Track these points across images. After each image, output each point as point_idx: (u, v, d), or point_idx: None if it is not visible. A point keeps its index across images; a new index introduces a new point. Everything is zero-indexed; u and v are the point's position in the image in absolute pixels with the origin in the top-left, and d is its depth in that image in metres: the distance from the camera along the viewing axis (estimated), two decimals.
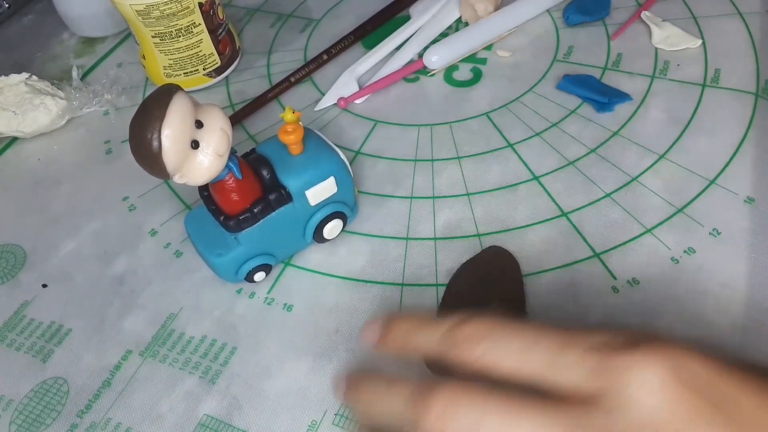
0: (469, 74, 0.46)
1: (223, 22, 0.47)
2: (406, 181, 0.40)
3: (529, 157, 0.40)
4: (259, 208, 0.32)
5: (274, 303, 0.35)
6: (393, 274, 0.35)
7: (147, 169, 0.28)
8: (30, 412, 0.33)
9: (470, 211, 0.37)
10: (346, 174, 0.35)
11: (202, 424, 0.31)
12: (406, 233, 0.37)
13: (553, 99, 0.43)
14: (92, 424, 0.32)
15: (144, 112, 0.27)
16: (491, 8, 0.48)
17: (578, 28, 0.48)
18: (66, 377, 0.34)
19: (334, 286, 0.35)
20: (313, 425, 0.30)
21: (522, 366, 0.22)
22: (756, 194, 0.35)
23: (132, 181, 0.42)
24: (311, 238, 0.36)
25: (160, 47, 0.45)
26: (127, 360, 0.34)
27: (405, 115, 0.44)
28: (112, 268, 0.38)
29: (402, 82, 0.47)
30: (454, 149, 0.41)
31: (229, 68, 0.49)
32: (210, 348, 0.34)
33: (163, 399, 0.32)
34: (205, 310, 0.35)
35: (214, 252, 0.34)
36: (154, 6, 0.42)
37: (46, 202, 0.43)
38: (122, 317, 0.36)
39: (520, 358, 0.22)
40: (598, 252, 0.35)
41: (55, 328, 0.36)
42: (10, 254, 0.40)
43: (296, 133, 0.32)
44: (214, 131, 0.29)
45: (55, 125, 0.47)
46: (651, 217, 0.35)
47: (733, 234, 0.34)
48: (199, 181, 0.29)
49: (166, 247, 0.39)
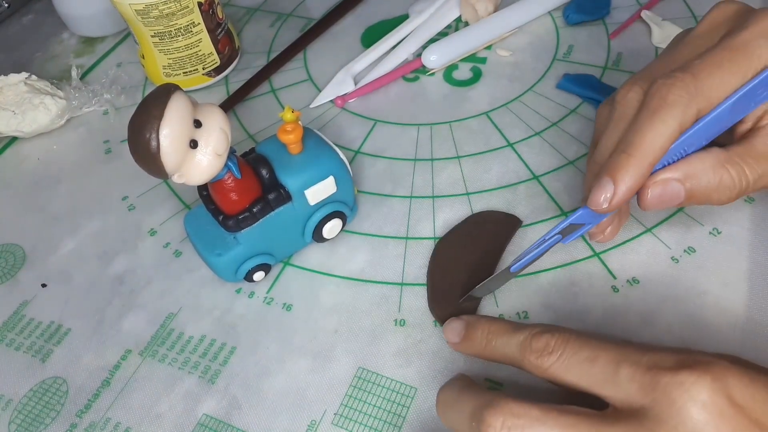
0: (469, 73, 0.46)
1: (223, 22, 0.47)
2: (406, 180, 0.40)
3: (529, 157, 0.40)
4: (258, 207, 0.32)
5: (273, 303, 0.35)
6: (392, 273, 0.35)
7: (146, 168, 0.28)
8: (29, 412, 0.33)
9: (470, 211, 0.37)
10: (346, 173, 0.35)
11: (201, 424, 0.31)
12: (406, 233, 0.37)
13: (553, 98, 0.43)
14: (91, 423, 0.32)
15: (142, 111, 0.27)
16: (491, 8, 0.48)
17: (578, 28, 0.48)
18: (65, 377, 0.34)
19: (333, 286, 0.35)
20: (313, 425, 0.30)
21: (583, 379, 0.24)
22: (756, 194, 0.35)
23: (131, 181, 0.42)
24: (311, 237, 0.36)
25: (160, 47, 0.45)
26: (126, 359, 0.34)
27: (405, 114, 0.44)
28: (111, 268, 0.38)
29: (401, 81, 0.47)
30: (454, 149, 0.41)
31: (228, 68, 0.49)
32: (209, 348, 0.34)
33: (163, 398, 0.32)
34: (204, 309, 0.35)
35: (214, 251, 0.34)
36: (154, 5, 0.42)
37: (45, 202, 0.43)
38: (121, 317, 0.36)
39: (583, 372, 0.24)
40: (598, 252, 0.34)
41: (55, 328, 0.36)
42: (10, 254, 0.40)
43: (295, 133, 0.32)
44: (212, 131, 0.29)
45: (55, 125, 0.47)
46: (651, 216, 0.35)
47: (733, 234, 0.34)
48: (198, 180, 0.29)
49: (166, 246, 0.39)
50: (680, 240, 0.34)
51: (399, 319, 0.33)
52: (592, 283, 0.33)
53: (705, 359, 0.22)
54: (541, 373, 0.26)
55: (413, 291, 0.34)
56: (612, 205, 0.28)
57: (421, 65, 0.46)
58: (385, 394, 0.31)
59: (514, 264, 0.31)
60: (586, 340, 0.25)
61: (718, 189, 0.28)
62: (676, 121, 0.27)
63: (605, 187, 0.28)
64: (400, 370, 0.31)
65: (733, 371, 0.22)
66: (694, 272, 0.33)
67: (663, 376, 0.22)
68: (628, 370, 0.23)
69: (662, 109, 0.27)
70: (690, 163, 0.28)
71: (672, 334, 0.31)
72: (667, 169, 0.29)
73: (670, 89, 0.27)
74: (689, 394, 0.22)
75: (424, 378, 0.31)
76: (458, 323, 0.30)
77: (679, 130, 0.28)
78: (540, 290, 0.33)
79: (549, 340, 0.26)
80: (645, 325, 0.31)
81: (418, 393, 0.31)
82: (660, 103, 0.28)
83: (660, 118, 0.27)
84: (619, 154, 0.28)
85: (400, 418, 0.30)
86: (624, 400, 0.23)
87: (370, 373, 0.32)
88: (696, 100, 0.27)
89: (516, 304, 0.33)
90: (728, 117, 0.28)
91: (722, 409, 0.21)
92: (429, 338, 0.32)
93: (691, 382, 0.22)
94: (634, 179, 0.28)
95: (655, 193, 0.29)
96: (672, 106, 0.27)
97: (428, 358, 0.32)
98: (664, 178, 0.28)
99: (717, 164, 0.28)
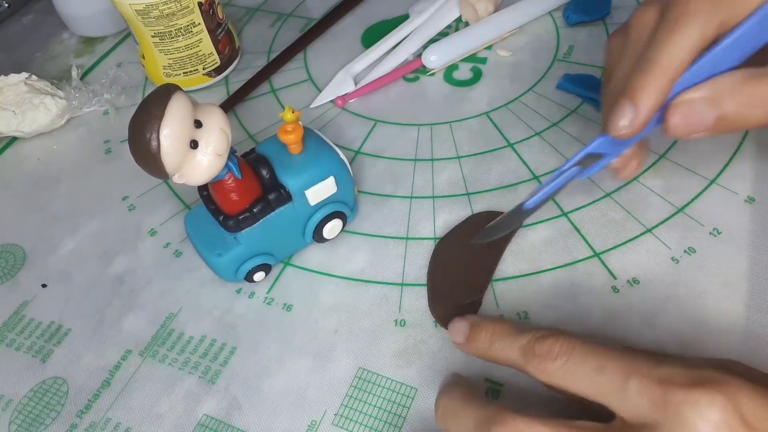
0: (469, 74, 0.46)
1: (223, 22, 0.47)
2: (406, 180, 0.40)
3: (529, 157, 0.40)
4: (258, 207, 0.32)
5: (273, 303, 0.35)
6: (393, 274, 0.35)
7: (146, 168, 0.28)
8: (29, 412, 0.32)
9: (470, 211, 0.37)
10: (346, 173, 0.35)
11: (201, 424, 0.31)
12: (406, 233, 0.37)
13: (553, 98, 0.43)
14: (92, 423, 0.32)
15: (143, 111, 0.27)
16: (491, 8, 0.48)
17: (578, 28, 0.48)
18: (65, 377, 0.34)
19: (333, 286, 0.35)
20: (313, 425, 0.30)
21: (589, 388, 0.24)
22: (756, 194, 0.35)
23: (131, 181, 0.42)
24: (311, 237, 0.36)
25: (160, 47, 0.45)
26: (126, 360, 0.34)
27: (405, 114, 0.44)
28: (111, 268, 0.38)
29: (402, 82, 0.47)
30: (454, 149, 0.41)
31: (228, 68, 0.49)
32: (209, 348, 0.34)
33: (163, 399, 0.32)
34: (204, 309, 0.35)
35: (214, 252, 0.34)
36: (154, 5, 0.42)
37: (45, 202, 0.43)
38: (122, 317, 0.36)
39: (589, 381, 0.24)
40: (598, 252, 0.34)
41: (55, 328, 0.36)
42: (10, 254, 0.40)
43: (296, 133, 0.32)
44: (213, 131, 0.29)
45: (55, 125, 0.47)
46: (651, 216, 0.35)
47: (734, 234, 0.34)
48: (198, 180, 0.29)
49: (166, 246, 0.39)
50: (680, 240, 0.34)
51: (399, 319, 0.33)
52: (592, 283, 0.33)
53: (717, 377, 0.22)
54: (545, 378, 0.25)
55: (413, 291, 0.34)
56: (634, 127, 0.27)
57: (421, 65, 0.46)
58: (385, 395, 0.31)
59: (528, 200, 0.29)
60: (592, 348, 0.24)
61: (750, 105, 0.26)
62: (697, 31, 0.25)
63: (625, 110, 0.27)
64: (400, 370, 0.31)
65: (746, 390, 0.22)
66: (694, 272, 0.33)
67: (675, 394, 0.22)
68: (637, 382, 0.23)
69: (683, 18, 0.25)
70: (716, 80, 0.26)
71: (672, 335, 0.31)
72: (692, 88, 0.26)
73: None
74: (702, 414, 0.21)
75: (424, 378, 0.31)
76: (463, 324, 0.29)
77: (702, 43, 0.25)
78: (540, 290, 0.33)
79: (553, 344, 0.25)
80: (645, 325, 0.31)
81: (418, 393, 0.31)
82: (680, 13, 0.26)
83: (680, 29, 0.25)
84: (636, 73, 0.27)
85: (400, 419, 0.30)
86: (633, 412, 0.23)
87: (370, 373, 0.32)
88: (719, 9, 0.25)
89: (516, 304, 0.33)
90: (758, 34, 0.25)
91: (734, 429, 0.21)
92: (429, 338, 0.32)
93: (704, 403, 0.21)
94: (655, 97, 0.26)
95: (680, 115, 0.26)
96: (693, 15, 0.25)
97: (428, 359, 0.32)
98: (689, 98, 0.26)
99: (748, 78, 0.26)
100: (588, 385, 0.24)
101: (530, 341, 0.26)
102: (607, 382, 0.23)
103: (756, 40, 0.26)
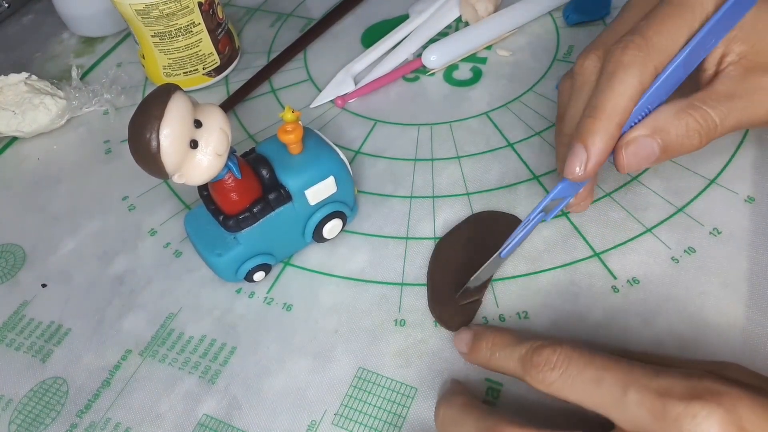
0: (469, 73, 0.46)
1: (223, 22, 0.47)
2: (406, 180, 0.40)
3: (529, 157, 0.40)
4: (258, 207, 0.32)
5: (273, 303, 0.35)
6: (393, 273, 0.35)
7: (146, 168, 0.28)
8: (29, 412, 0.33)
9: (470, 211, 0.37)
10: (346, 173, 0.35)
11: (201, 424, 0.31)
12: (406, 233, 0.37)
13: (553, 98, 0.43)
14: (92, 423, 0.32)
15: (143, 111, 0.27)
16: (491, 8, 0.48)
17: (578, 28, 0.48)
18: (65, 377, 0.34)
19: (333, 286, 0.35)
20: (313, 425, 0.30)
21: (588, 399, 0.24)
22: (756, 193, 0.35)
23: (131, 181, 0.42)
24: (311, 237, 0.36)
25: (160, 47, 0.45)
26: (126, 360, 0.34)
27: (405, 114, 0.44)
28: (111, 268, 0.38)
29: (402, 81, 0.47)
30: (454, 149, 0.41)
31: (228, 68, 0.49)
32: (209, 348, 0.34)
33: (163, 399, 0.32)
34: (204, 309, 0.35)
35: (214, 252, 0.34)
36: (154, 5, 0.42)
37: (45, 202, 0.43)
38: (122, 317, 0.36)
39: (587, 392, 0.24)
40: (598, 252, 0.34)
41: (55, 328, 0.36)
42: (10, 254, 0.40)
43: (296, 133, 0.32)
44: (213, 131, 0.29)
45: (55, 125, 0.47)
46: (651, 216, 0.35)
47: (734, 233, 0.34)
48: (198, 180, 0.29)
49: (166, 246, 0.39)
50: (680, 240, 0.34)
51: (399, 319, 0.33)
52: (592, 283, 0.33)
53: (716, 388, 0.22)
54: (544, 389, 0.25)
55: (413, 291, 0.34)
56: (588, 170, 0.29)
57: (421, 65, 0.46)
58: (385, 394, 0.31)
59: (503, 249, 0.32)
60: (590, 358, 0.25)
61: (687, 135, 0.29)
62: (635, 79, 0.28)
63: (578, 154, 0.29)
64: (400, 370, 0.31)
65: (745, 400, 0.22)
66: (694, 272, 0.33)
67: (675, 406, 0.22)
68: (636, 394, 0.23)
69: (620, 70, 0.28)
70: (654, 117, 0.29)
71: (672, 334, 0.31)
72: (635, 127, 0.29)
73: (624, 51, 0.28)
74: (701, 427, 0.21)
75: (424, 378, 0.31)
76: (467, 334, 0.30)
77: (641, 89, 0.28)
78: (540, 290, 0.33)
79: (550, 355, 0.25)
80: (645, 325, 0.31)
81: (418, 393, 0.31)
82: (617, 65, 0.28)
83: (619, 79, 0.28)
84: (585, 119, 0.29)
85: (400, 418, 0.30)
86: (632, 424, 0.23)
87: (370, 373, 0.32)
88: (651, 57, 0.28)
89: (516, 305, 0.33)
90: (683, 69, 0.29)
91: None
92: (429, 338, 0.32)
93: (703, 416, 0.21)
94: (605, 141, 0.28)
95: (629, 152, 0.29)
96: (629, 66, 0.28)
97: (428, 359, 0.32)
98: (633, 137, 0.29)
99: (679, 111, 0.29)
100: (586, 395, 0.24)
101: (528, 351, 0.26)
102: (606, 393, 0.23)
103: (682, 74, 0.29)
